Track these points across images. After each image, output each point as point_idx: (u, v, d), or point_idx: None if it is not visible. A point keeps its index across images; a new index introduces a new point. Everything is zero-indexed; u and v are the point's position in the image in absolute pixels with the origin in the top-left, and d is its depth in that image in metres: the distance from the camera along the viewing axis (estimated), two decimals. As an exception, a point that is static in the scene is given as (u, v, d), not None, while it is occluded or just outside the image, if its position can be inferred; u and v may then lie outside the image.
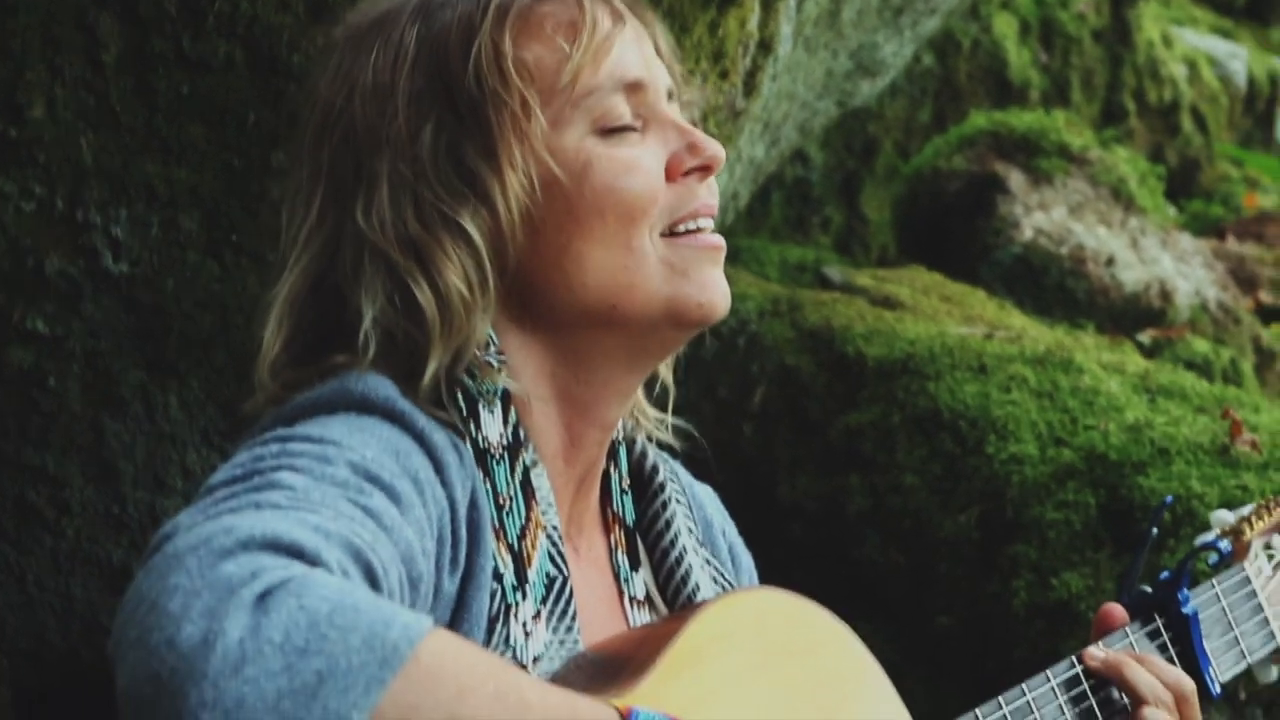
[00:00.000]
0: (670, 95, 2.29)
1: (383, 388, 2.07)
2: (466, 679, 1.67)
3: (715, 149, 2.25)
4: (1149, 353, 4.88)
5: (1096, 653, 2.40)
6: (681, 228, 2.22)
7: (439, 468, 2.05)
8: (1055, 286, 5.25)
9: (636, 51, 2.25)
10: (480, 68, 2.16)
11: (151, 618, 1.62)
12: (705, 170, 2.25)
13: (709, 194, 2.25)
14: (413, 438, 2.04)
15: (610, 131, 2.20)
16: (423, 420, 2.07)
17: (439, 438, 2.07)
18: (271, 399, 2.17)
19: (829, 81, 4.63)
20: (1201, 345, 5.12)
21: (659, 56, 2.30)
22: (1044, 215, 5.37)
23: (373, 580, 1.79)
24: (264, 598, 1.63)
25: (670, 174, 2.22)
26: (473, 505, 2.09)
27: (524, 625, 2.10)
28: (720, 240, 2.25)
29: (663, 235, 2.21)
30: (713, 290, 2.22)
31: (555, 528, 2.18)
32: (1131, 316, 5.25)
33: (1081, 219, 5.41)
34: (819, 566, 2.77)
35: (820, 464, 3.91)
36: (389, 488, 1.93)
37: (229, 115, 2.90)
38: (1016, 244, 5.30)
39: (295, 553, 1.70)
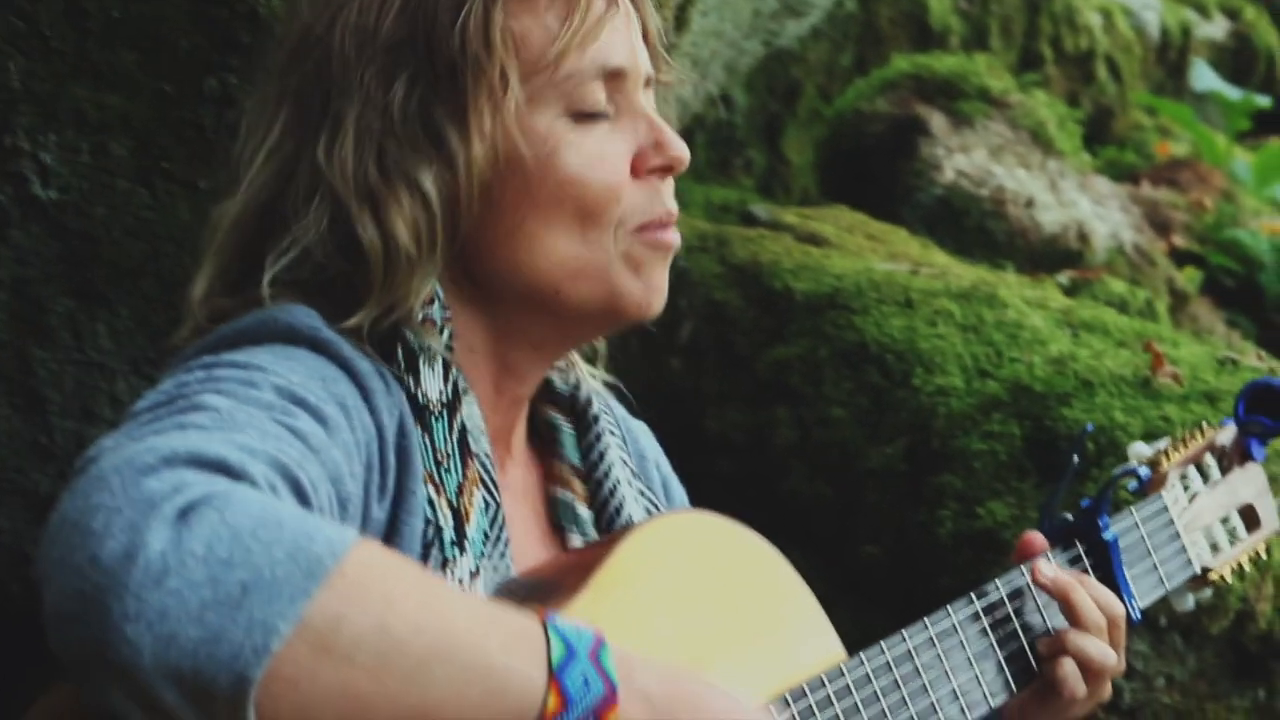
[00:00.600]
0: (648, 82, 2.27)
1: (308, 318, 2.07)
2: (393, 588, 1.68)
3: (681, 149, 2.23)
4: (1067, 293, 4.92)
5: (1047, 570, 2.42)
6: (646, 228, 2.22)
7: (366, 395, 2.05)
8: (976, 228, 5.28)
9: (625, 38, 2.22)
10: (467, 29, 2.13)
11: (75, 537, 1.62)
12: (667, 170, 2.23)
13: (670, 198, 2.25)
14: (338, 366, 2.04)
15: (583, 117, 2.18)
16: (348, 349, 2.06)
17: (364, 365, 2.07)
18: (196, 329, 2.16)
19: (756, 20, 4.63)
20: (1118, 286, 5.17)
21: (645, 41, 2.28)
22: (965, 157, 5.40)
23: (301, 497, 1.79)
24: (186, 512, 1.62)
25: (635, 169, 2.20)
26: (401, 432, 2.09)
27: (460, 583, 2.10)
28: (677, 240, 2.25)
29: (632, 231, 2.20)
30: (655, 292, 2.22)
31: (488, 454, 2.19)
32: (1050, 258, 5.30)
33: (1001, 161, 5.45)
34: (746, 499, 2.79)
35: (747, 397, 3.93)
36: (316, 411, 1.93)
37: (161, 41, 2.87)
38: (938, 185, 5.33)
39: (219, 468, 1.70)
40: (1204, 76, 7.88)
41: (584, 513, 2.37)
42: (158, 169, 2.96)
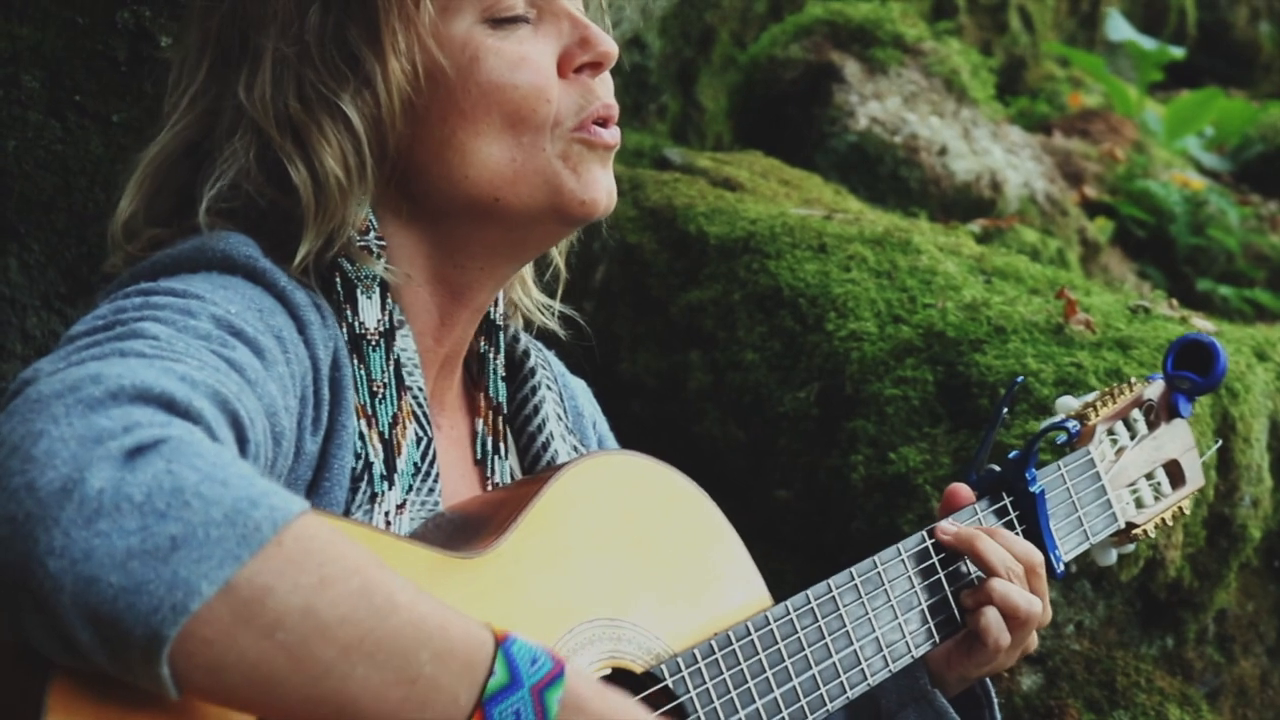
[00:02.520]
0: None
1: (244, 246, 2.07)
2: (331, 569, 1.66)
3: (608, 44, 2.23)
4: (979, 241, 4.94)
5: (949, 527, 2.45)
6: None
7: (301, 326, 2.06)
8: (889, 175, 5.29)
9: None
10: None
11: (13, 461, 1.61)
12: (596, 66, 2.23)
13: (607, 93, 2.24)
14: (274, 296, 2.05)
15: (501, 22, 2.18)
16: (284, 279, 2.07)
17: (300, 296, 2.08)
18: (128, 258, 2.15)
19: (671, -38, 4.63)
20: (1030, 235, 5.20)
21: None
22: (879, 105, 5.40)
23: (240, 432, 1.79)
24: (133, 454, 1.61)
25: (562, 69, 2.20)
26: (335, 365, 2.10)
27: (386, 515, 2.11)
28: (616, 138, 2.25)
29: (569, 131, 2.20)
30: (596, 189, 2.21)
31: (421, 389, 2.19)
32: (962, 206, 5.31)
33: (915, 109, 5.46)
34: (659, 442, 2.78)
35: (661, 341, 3.92)
36: (252, 342, 1.93)
37: (74, -29, 2.86)
38: (851, 133, 5.33)
39: (166, 404, 1.69)
40: (1119, 27, 7.92)
41: (505, 451, 2.38)
42: (70, 102, 2.93)
